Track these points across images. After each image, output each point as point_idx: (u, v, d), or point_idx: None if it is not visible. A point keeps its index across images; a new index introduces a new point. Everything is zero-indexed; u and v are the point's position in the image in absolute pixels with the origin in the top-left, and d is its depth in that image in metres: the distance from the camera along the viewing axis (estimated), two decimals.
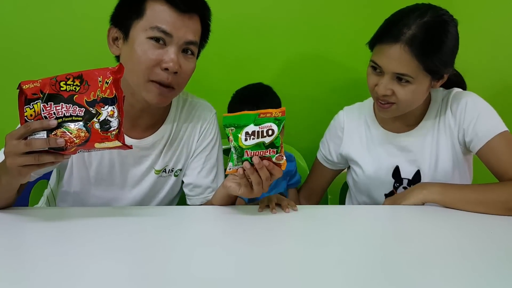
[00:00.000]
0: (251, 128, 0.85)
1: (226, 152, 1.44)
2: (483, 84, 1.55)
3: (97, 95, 0.77)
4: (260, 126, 0.85)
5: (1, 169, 0.86)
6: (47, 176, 1.19)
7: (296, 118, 1.57)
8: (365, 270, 0.71)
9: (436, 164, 1.12)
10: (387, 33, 1.01)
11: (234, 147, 0.86)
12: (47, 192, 1.20)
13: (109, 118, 0.77)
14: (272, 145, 0.85)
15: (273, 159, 0.87)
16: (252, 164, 0.86)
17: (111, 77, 0.77)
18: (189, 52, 1.00)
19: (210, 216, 0.98)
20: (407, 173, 1.16)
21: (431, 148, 1.13)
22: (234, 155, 0.87)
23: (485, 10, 1.52)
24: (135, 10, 0.95)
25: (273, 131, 0.85)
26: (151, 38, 0.94)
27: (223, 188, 0.99)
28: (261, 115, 0.85)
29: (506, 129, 1.04)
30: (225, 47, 1.47)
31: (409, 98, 1.03)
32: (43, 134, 0.76)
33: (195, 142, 1.13)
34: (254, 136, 0.85)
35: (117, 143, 0.78)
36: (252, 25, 1.49)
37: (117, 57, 1.04)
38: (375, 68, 1.04)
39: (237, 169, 0.88)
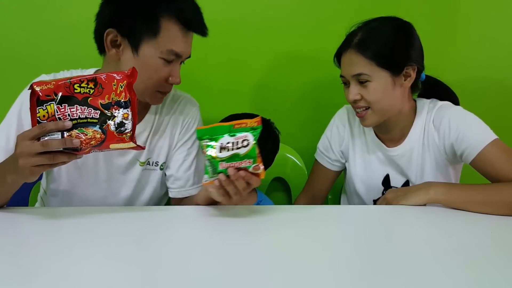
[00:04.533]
0: (225, 139, 0.84)
1: None
2: (483, 85, 1.57)
3: (112, 98, 0.79)
4: (235, 137, 0.84)
5: (7, 168, 0.86)
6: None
7: (292, 118, 1.58)
8: (366, 270, 0.72)
9: (421, 178, 1.15)
10: (342, 45, 1.13)
11: (209, 159, 0.85)
12: (40, 193, 1.20)
13: (124, 121, 0.79)
14: (247, 156, 0.84)
15: (250, 170, 0.85)
16: (228, 176, 0.85)
17: (125, 81, 0.80)
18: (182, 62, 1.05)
19: (207, 216, 0.97)
20: (396, 181, 1.20)
21: (416, 163, 1.16)
22: (209, 167, 0.86)
23: (485, 10, 1.53)
24: (150, 28, 0.95)
25: (248, 142, 0.83)
26: (163, 58, 0.97)
27: (205, 191, 0.99)
28: (236, 126, 0.84)
29: (496, 137, 1.05)
30: (221, 47, 1.48)
31: (377, 97, 1.08)
32: (57, 135, 0.77)
33: (177, 135, 1.15)
34: (228, 148, 0.84)
35: (131, 144, 0.81)
36: (247, 25, 1.50)
37: (100, 50, 1.03)
38: (343, 81, 1.14)
39: (213, 181, 0.87)
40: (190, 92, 1.21)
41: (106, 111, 0.79)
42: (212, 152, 0.84)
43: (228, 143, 0.83)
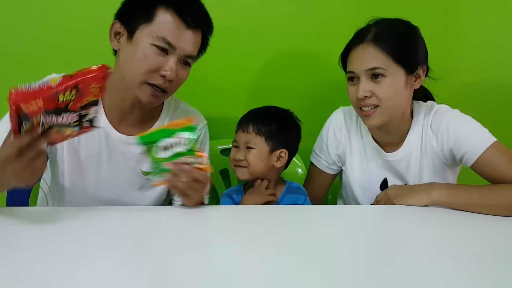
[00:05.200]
0: (165, 141, 0.90)
1: (225, 152, 1.45)
2: (483, 87, 1.57)
3: (88, 100, 0.81)
4: (173, 137, 0.89)
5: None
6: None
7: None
8: (366, 270, 0.72)
9: (419, 182, 1.14)
10: (352, 41, 1.10)
11: (152, 161, 0.92)
12: (45, 190, 1.19)
13: (96, 116, 0.84)
14: (188, 153, 0.90)
15: (195, 165, 0.91)
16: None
17: (100, 84, 0.81)
18: (186, 63, 1.03)
19: (207, 217, 0.98)
20: None
21: (415, 168, 1.15)
22: (153, 168, 0.92)
23: (486, 13, 1.53)
24: (145, 14, 0.97)
25: (188, 139, 0.90)
26: (155, 45, 0.97)
27: None
28: (172, 127, 0.91)
29: (495, 139, 1.04)
30: (222, 46, 1.47)
31: (389, 95, 1.05)
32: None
33: None
34: (168, 148, 0.90)
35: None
36: (248, 24, 1.49)
37: (115, 51, 1.05)
38: (351, 78, 1.10)
39: (163, 181, 0.93)
40: (191, 91, 1.21)
41: (83, 111, 0.82)
42: (153, 154, 0.90)
43: (167, 144, 0.90)
